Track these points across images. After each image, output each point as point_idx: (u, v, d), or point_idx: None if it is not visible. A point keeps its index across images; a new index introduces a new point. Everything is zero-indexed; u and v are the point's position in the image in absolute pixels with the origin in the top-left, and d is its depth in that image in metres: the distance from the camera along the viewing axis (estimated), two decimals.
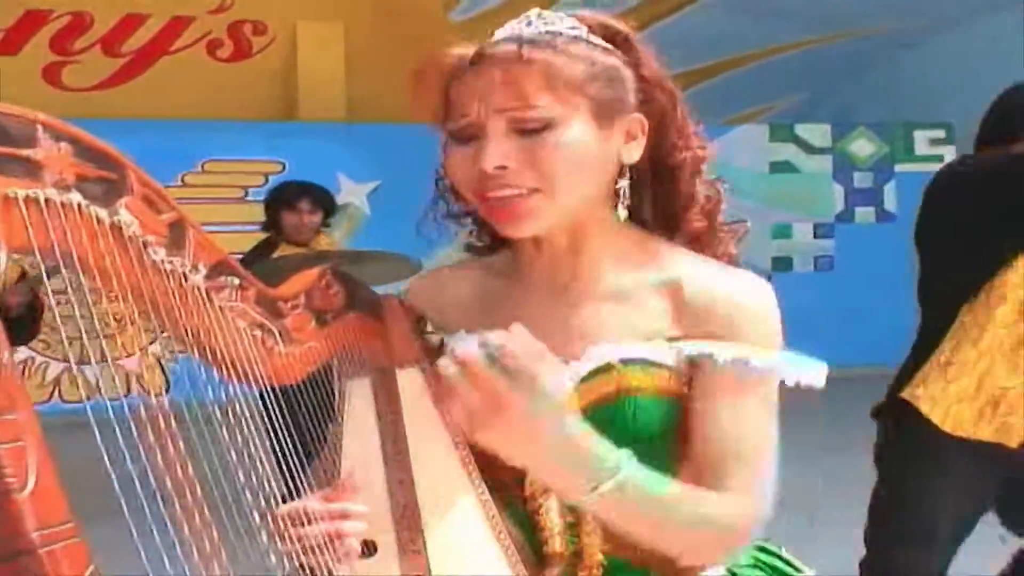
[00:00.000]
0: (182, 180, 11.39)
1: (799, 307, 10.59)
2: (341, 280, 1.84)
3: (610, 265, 1.81)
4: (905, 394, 3.77)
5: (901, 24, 14.79)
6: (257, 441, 1.53)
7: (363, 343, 1.88)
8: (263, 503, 1.49)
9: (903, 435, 3.84)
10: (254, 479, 1.50)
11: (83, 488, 1.49)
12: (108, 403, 1.38)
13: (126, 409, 1.37)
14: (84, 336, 1.31)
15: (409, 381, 1.88)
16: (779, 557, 2.03)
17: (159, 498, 1.37)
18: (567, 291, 1.81)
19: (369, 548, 1.61)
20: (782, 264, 13.06)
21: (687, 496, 1.64)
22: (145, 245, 1.43)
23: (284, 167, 11.77)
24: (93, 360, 1.46)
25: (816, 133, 13.38)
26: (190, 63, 13.05)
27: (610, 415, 1.70)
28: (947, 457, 3.72)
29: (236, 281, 1.62)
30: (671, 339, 1.75)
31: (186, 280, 1.51)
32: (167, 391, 1.37)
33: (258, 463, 1.51)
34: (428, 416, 1.80)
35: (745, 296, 1.79)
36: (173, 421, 1.38)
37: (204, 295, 1.55)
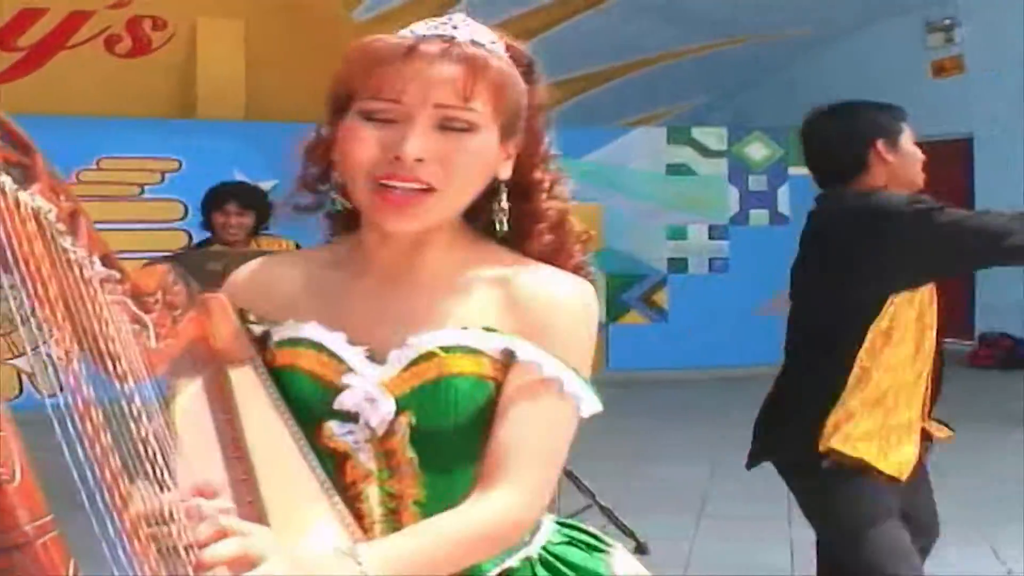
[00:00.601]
0: (77, 177, 11.23)
1: (694, 307, 10.83)
2: (181, 278, 1.86)
3: (446, 263, 1.86)
4: (833, 444, 3.76)
5: (797, 30, 15.00)
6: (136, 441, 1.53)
7: (199, 341, 1.89)
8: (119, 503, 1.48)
9: (844, 484, 3.81)
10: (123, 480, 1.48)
11: None
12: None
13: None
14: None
15: (242, 378, 1.87)
16: (585, 532, 2.08)
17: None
18: (401, 284, 1.86)
19: None
20: (677, 265, 13.16)
21: (446, 528, 1.70)
22: (56, 233, 1.45)
23: (181, 165, 11.68)
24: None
25: (712, 136, 13.48)
26: (88, 58, 12.88)
27: (433, 398, 1.77)
28: (880, 491, 3.77)
29: (117, 275, 1.64)
30: (489, 329, 1.80)
31: (84, 272, 1.52)
32: (19, 394, 1.38)
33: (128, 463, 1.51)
34: (263, 412, 1.82)
35: (565, 300, 1.84)
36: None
37: (99, 287, 1.56)
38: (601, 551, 2.03)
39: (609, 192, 12.85)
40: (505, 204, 1.86)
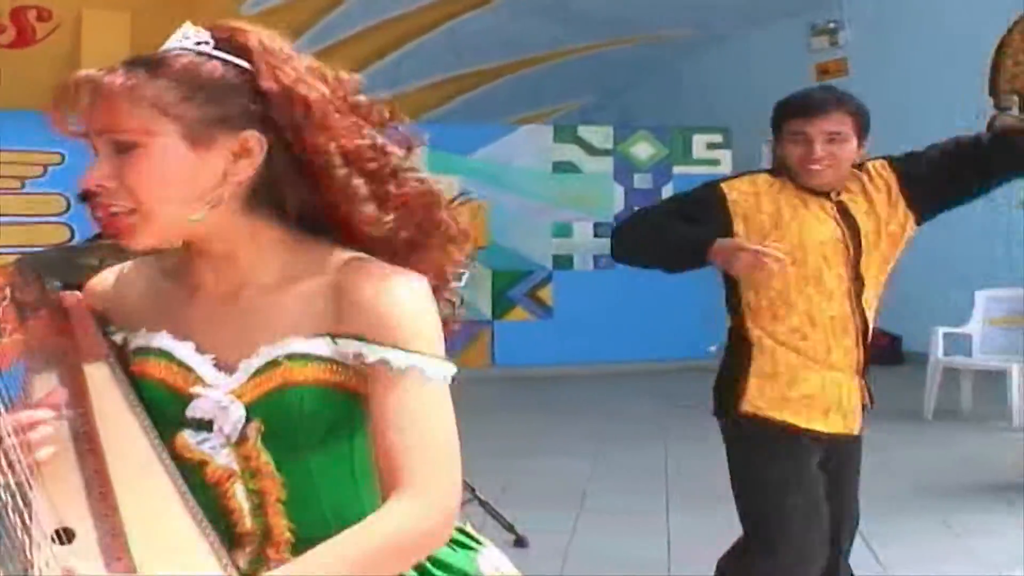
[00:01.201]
0: None
1: (579, 304, 10.92)
2: (33, 275, 1.88)
3: (273, 268, 1.86)
4: (749, 407, 4.04)
5: (684, 31, 15.17)
6: None
7: (52, 338, 1.89)
8: None
9: (759, 439, 4.07)
10: None
11: None
12: None
13: None
14: None
15: (96, 374, 1.87)
16: (457, 529, 2.07)
17: None
18: (234, 294, 1.87)
19: (67, 535, 1.64)
20: (563, 262, 13.28)
21: (355, 543, 1.70)
22: None
23: (64, 158, 11.54)
24: None
25: (598, 135, 13.60)
26: None
27: (280, 405, 1.79)
28: (803, 450, 4.03)
29: None
30: (332, 335, 1.80)
31: None
32: None
33: None
34: (117, 407, 1.83)
35: (399, 297, 1.82)
36: None
37: None
38: (470, 548, 2.06)
39: (495, 189, 12.93)
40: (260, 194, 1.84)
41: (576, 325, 12.69)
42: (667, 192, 13.50)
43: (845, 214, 4.03)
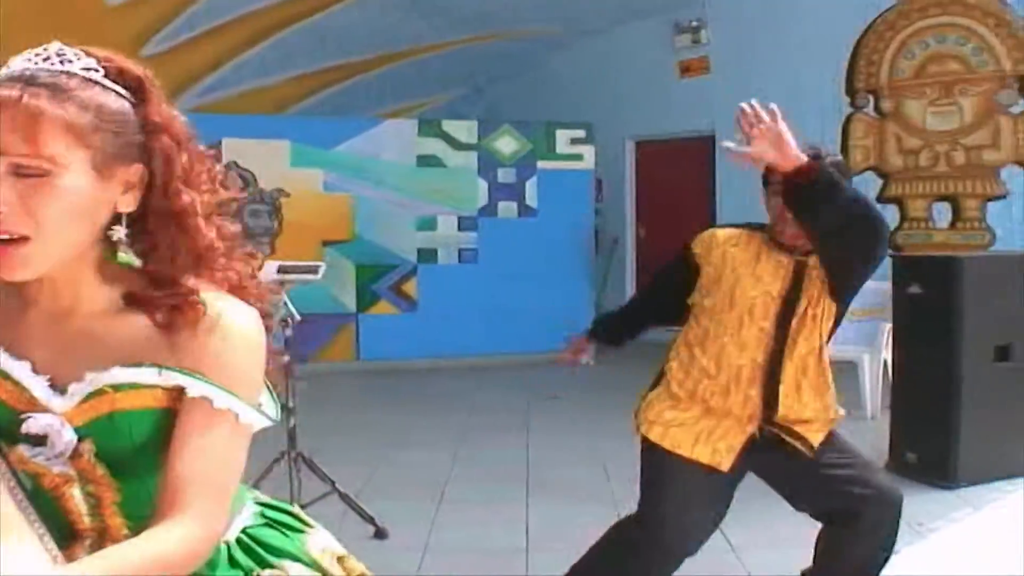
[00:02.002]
0: None
1: (443, 297, 10.98)
2: None
3: (105, 296, 1.87)
4: (637, 416, 4.33)
5: (549, 28, 15.29)
6: None
7: None
8: None
9: (645, 450, 4.31)
10: None
11: None
12: None
13: None
14: None
15: None
16: (288, 513, 2.20)
17: None
18: (69, 319, 1.87)
19: None
20: (427, 256, 13.26)
21: (129, 558, 1.70)
22: None
23: None
24: None
25: (462, 129, 13.62)
26: None
27: (109, 429, 1.83)
28: (673, 468, 4.22)
29: None
30: (159, 365, 1.82)
31: None
32: None
33: None
34: None
35: (233, 334, 1.86)
36: None
37: None
38: (299, 531, 2.16)
39: (359, 183, 12.92)
40: (122, 235, 1.84)
41: (440, 318, 12.78)
42: (530, 186, 13.63)
43: (798, 274, 4.14)
